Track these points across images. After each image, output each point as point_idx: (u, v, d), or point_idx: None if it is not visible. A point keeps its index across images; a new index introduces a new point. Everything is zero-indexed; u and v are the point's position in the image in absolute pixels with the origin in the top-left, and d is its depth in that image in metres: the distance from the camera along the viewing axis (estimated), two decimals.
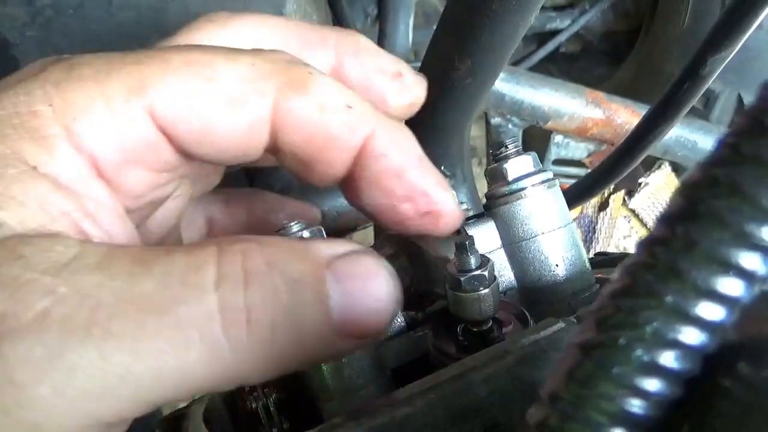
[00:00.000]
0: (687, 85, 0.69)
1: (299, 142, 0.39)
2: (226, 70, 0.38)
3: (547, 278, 0.47)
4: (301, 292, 0.33)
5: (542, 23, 2.30)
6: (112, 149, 0.36)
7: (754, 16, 0.61)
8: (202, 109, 0.37)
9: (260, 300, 0.32)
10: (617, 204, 1.97)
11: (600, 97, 1.52)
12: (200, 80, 0.37)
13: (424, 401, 0.33)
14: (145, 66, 0.37)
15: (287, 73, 0.39)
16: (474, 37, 0.84)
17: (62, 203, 0.34)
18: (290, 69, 0.39)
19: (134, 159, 0.38)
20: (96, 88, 0.36)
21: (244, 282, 0.32)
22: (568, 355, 0.21)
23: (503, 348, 0.37)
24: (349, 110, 0.39)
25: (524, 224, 0.47)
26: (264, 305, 0.32)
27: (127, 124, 0.36)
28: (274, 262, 0.33)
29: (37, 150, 0.34)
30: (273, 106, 0.38)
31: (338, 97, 0.39)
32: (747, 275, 0.19)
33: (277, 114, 0.38)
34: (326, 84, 0.39)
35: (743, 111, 0.19)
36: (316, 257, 0.35)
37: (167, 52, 0.38)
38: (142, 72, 0.36)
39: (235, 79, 0.38)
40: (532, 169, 0.48)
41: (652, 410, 0.20)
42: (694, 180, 0.20)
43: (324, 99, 0.39)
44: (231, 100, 0.38)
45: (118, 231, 0.38)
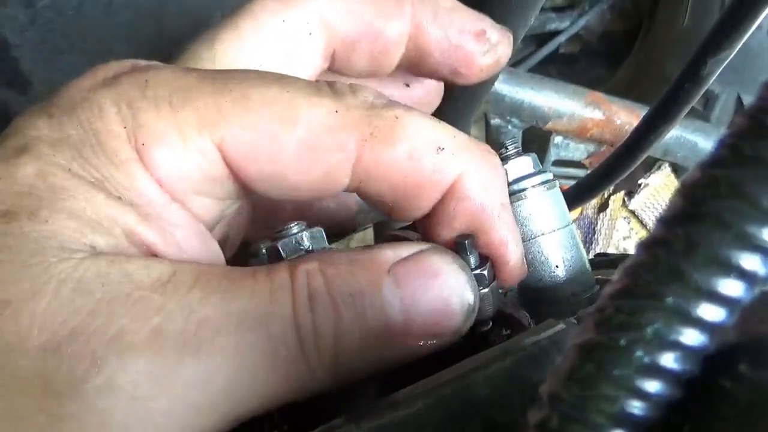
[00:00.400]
0: (687, 85, 0.69)
1: (386, 189, 0.38)
2: (307, 115, 0.36)
3: (548, 279, 0.47)
4: (359, 304, 0.34)
5: (542, 24, 2.31)
6: (179, 178, 0.36)
7: (754, 16, 0.61)
8: (274, 154, 0.36)
9: (323, 320, 0.33)
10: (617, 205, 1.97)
11: (599, 98, 1.52)
12: (277, 123, 0.35)
13: (424, 402, 0.33)
14: (221, 97, 0.35)
15: (372, 123, 0.36)
16: None
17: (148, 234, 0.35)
18: (376, 117, 0.36)
19: (199, 188, 0.37)
20: (170, 115, 0.35)
21: (309, 304, 0.33)
22: (568, 356, 0.21)
23: (503, 349, 0.37)
24: (440, 152, 0.37)
25: (524, 225, 0.47)
26: (326, 321, 0.33)
27: (196, 155, 0.35)
28: (333, 281, 0.34)
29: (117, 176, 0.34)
30: (355, 156, 0.36)
31: (428, 142, 0.37)
32: (747, 276, 0.19)
33: (360, 164, 0.37)
34: (415, 129, 0.37)
35: (743, 111, 0.19)
36: (378, 265, 0.36)
37: (248, 85, 0.36)
38: (219, 104, 0.35)
39: (314, 127, 0.36)
40: (532, 170, 0.48)
41: (652, 411, 0.20)
42: (695, 181, 0.20)
43: (413, 145, 0.37)
44: (308, 148, 0.36)
45: (203, 253, 0.38)
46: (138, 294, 0.31)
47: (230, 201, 0.40)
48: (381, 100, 0.38)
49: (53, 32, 0.87)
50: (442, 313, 0.36)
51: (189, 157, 0.35)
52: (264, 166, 0.36)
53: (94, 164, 0.34)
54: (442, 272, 0.36)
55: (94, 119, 0.35)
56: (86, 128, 0.35)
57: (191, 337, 0.30)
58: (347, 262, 0.36)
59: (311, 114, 0.36)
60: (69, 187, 0.33)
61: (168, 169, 0.35)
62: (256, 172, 0.37)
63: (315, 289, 0.34)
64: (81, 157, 0.34)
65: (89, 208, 0.33)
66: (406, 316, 0.35)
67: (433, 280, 0.36)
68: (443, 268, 0.36)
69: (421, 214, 0.40)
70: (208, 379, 0.30)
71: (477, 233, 0.39)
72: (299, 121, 0.35)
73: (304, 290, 0.34)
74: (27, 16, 0.87)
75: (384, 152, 0.36)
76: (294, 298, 0.33)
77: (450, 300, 0.36)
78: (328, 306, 0.34)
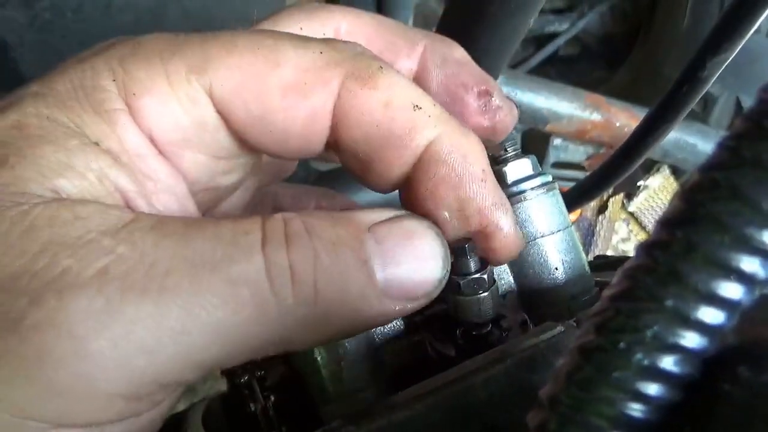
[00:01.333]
0: (686, 87, 0.69)
1: (359, 137, 0.38)
2: (292, 56, 0.36)
3: (547, 281, 0.47)
4: (341, 254, 0.34)
5: (541, 26, 2.31)
6: (170, 128, 0.36)
7: (753, 18, 0.61)
8: (261, 95, 0.36)
9: (301, 260, 0.33)
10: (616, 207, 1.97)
11: (599, 100, 1.53)
12: (263, 64, 0.36)
13: (423, 404, 0.33)
14: (209, 45, 0.36)
15: (355, 65, 0.37)
16: (473, 39, 0.84)
17: (121, 180, 0.35)
18: (359, 60, 0.37)
19: (192, 140, 0.37)
20: (159, 65, 0.36)
21: (286, 244, 0.33)
22: (568, 359, 0.21)
23: (503, 351, 0.37)
24: (416, 110, 0.37)
25: (523, 227, 0.47)
26: (305, 265, 0.33)
27: (186, 102, 0.36)
28: (313, 228, 0.34)
29: (99, 124, 0.35)
30: (336, 97, 0.37)
31: (406, 96, 0.37)
32: (747, 279, 0.19)
33: (339, 106, 0.37)
34: (396, 80, 0.37)
35: (743, 114, 0.19)
36: (357, 223, 0.36)
37: (235, 35, 0.37)
38: (206, 51, 0.36)
39: (300, 66, 0.36)
40: (531, 173, 0.48)
41: (652, 414, 0.20)
42: (694, 183, 0.20)
43: (390, 95, 0.37)
44: (293, 88, 0.36)
45: (175, 210, 0.38)
46: (89, 237, 0.31)
47: (225, 162, 0.40)
48: (369, 52, 0.39)
49: (52, 34, 0.87)
50: (420, 273, 0.36)
51: (178, 105, 0.36)
52: (252, 107, 0.36)
53: (77, 112, 0.35)
54: (418, 234, 0.36)
55: (86, 77, 0.35)
56: (75, 84, 0.35)
57: (139, 278, 0.30)
58: (329, 217, 0.36)
59: (296, 54, 0.36)
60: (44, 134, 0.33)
61: (158, 118, 0.36)
62: (245, 115, 0.37)
63: (294, 231, 0.34)
64: (64, 107, 0.35)
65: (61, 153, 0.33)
66: (385, 274, 0.35)
67: (411, 240, 0.36)
68: (420, 231, 0.37)
69: (394, 177, 0.40)
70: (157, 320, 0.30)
71: (463, 202, 0.38)
72: (284, 60, 0.36)
73: (279, 233, 0.33)
74: (26, 17, 0.87)
75: (361, 94, 0.37)
76: (265, 240, 0.33)
77: (426, 262, 0.36)
78: (307, 247, 0.33)
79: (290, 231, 0.34)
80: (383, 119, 0.37)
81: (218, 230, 0.33)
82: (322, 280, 0.33)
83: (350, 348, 0.42)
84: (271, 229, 0.34)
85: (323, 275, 0.33)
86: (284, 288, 0.32)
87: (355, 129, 0.37)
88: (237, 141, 0.39)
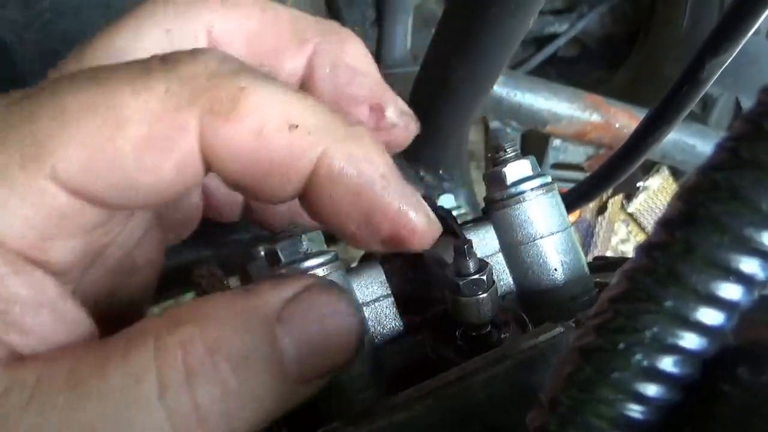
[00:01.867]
0: (685, 88, 0.69)
1: (237, 172, 0.34)
2: (136, 108, 0.31)
3: (546, 282, 0.47)
4: (252, 365, 0.32)
5: (540, 27, 2.31)
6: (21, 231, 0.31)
7: (752, 20, 0.61)
8: (115, 162, 0.31)
9: (208, 396, 0.30)
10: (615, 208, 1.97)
11: (598, 101, 1.53)
12: (105, 129, 0.30)
13: (423, 405, 0.33)
14: (37, 125, 0.30)
15: (211, 96, 0.32)
16: (473, 40, 0.84)
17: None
18: (216, 88, 0.32)
19: (53, 231, 0.32)
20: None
21: (187, 384, 0.30)
22: (567, 360, 0.21)
23: (502, 352, 0.36)
24: (294, 131, 0.33)
25: (523, 228, 0.47)
26: (212, 400, 0.30)
27: (31, 197, 0.30)
28: (218, 346, 0.31)
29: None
30: (199, 137, 0.32)
31: (279, 116, 0.33)
32: (746, 280, 0.19)
33: (206, 146, 0.32)
34: (263, 100, 0.32)
35: (742, 115, 0.20)
36: (266, 314, 0.33)
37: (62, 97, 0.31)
38: (35, 132, 0.30)
39: (146, 119, 0.31)
40: (531, 173, 0.48)
41: (651, 415, 0.20)
42: (693, 184, 0.20)
43: (260, 121, 0.32)
44: (147, 146, 0.31)
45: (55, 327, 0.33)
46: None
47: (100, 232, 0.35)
48: (227, 66, 0.33)
49: (52, 34, 0.87)
50: (335, 351, 0.34)
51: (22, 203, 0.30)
52: (108, 177, 0.31)
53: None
54: (330, 310, 0.34)
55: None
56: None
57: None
58: (232, 317, 0.32)
59: (139, 105, 0.31)
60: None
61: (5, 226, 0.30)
62: (105, 186, 0.32)
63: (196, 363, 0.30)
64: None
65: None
66: (300, 363, 0.33)
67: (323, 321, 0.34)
68: (330, 305, 0.35)
69: (286, 198, 0.36)
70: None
71: (368, 215, 0.35)
72: (128, 117, 0.31)
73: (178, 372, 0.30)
74: (26, 17, 0.87)
75: (226, 129, 0.32)
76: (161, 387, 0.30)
77: (341, 338, 0.34)
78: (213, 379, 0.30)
79: (191, 362, 0.30)
80: (258, 148, 0.33)
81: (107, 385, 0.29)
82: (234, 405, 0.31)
83: None
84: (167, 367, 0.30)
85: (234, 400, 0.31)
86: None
87: (230, 164, 0.33)
88: (105, 211, 0.34)
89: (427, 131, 1.11)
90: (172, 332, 0.31)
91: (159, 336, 0.31)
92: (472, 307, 0.41)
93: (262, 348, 0.32)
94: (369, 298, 0.44)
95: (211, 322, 0.32)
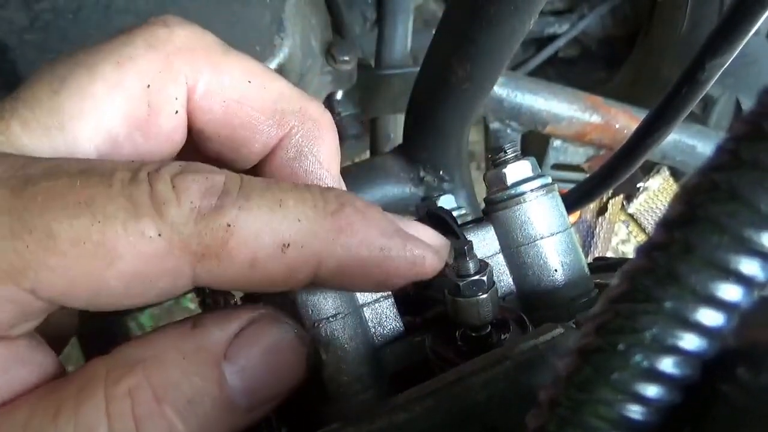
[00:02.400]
0: (685, 89, 0.69)
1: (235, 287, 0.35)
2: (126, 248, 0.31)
3: (546, 283, 0.47)
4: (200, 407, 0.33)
5: (541, 28, 2.31)
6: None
7: (752, 21, 0.61)
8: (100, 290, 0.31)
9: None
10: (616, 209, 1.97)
11: (598, 101, 1.53)
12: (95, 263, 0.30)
13: (423, 406, 0.33)
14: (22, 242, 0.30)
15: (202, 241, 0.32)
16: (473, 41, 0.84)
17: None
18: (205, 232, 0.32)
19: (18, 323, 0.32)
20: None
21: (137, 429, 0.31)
22: (567, 360, 0.21)
23: (502, 353, 0.36)
24: (286, 250, 0.33)
25: (523, 229, 0.47)
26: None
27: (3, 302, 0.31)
28: (165, 393, 0.32)
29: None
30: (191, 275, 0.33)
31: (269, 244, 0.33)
32: (746, 281, 0.19)
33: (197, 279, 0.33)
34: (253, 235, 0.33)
35: (743, 116, 0.20)
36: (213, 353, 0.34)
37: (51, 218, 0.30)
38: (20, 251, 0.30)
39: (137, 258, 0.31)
40: (531, 174, 0.48)
41: (651, 416, 0.20)
42: (694, 185, 0.20)
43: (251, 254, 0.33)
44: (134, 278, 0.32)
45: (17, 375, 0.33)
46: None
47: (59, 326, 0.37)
48: (209, 202, 0.32)
49: (52, 35, 0.87)
50: (284, 380, 0.36)
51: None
52: (90, 300, 0.32)
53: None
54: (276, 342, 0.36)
55: None
56: None
57: None
58: (179, 359, 0.33)
59: (130, 245, 0.31)
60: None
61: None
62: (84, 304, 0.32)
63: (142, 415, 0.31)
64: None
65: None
66: (249, 396, 0.34)
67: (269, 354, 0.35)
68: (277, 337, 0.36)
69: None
70: None
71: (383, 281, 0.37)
72: (118, 256, 0.31)
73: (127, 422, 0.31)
74: (25, 18, 0.87)
75: (218, 270, 0.32)
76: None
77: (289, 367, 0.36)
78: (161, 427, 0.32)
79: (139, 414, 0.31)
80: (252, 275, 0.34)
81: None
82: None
83: (350, 349, 0.42)
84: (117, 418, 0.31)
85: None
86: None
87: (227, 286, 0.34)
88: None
89: (427, 132, 1.11)
90: (119, 381, 0.32)
91: (108, 383, 0.32)
92: (472, 308, 0.41)
93: (209, 389, 0.33)
94: (369, 298, 0.44)
95: (158, 366, 0.33)
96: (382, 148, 1.67)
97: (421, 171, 1.16)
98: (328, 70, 1.21)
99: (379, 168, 1.15)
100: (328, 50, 1.19)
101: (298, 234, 0.34)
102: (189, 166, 0.34)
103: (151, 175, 0.32)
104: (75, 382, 0.33)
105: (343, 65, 1.20)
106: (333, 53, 1.19)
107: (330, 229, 0.35)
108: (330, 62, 1.20)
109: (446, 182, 1.16)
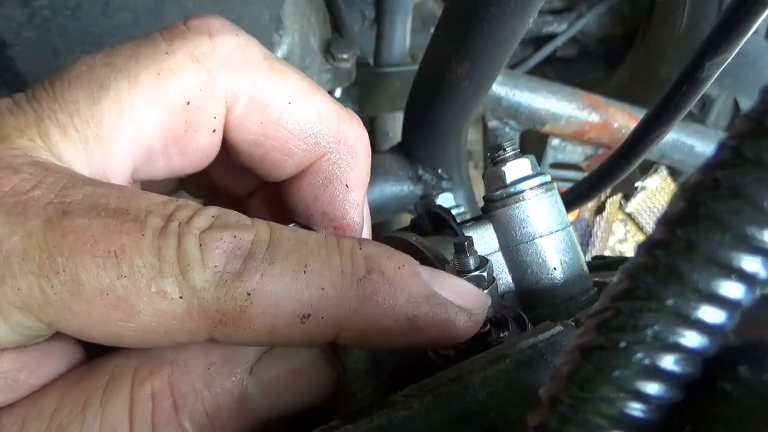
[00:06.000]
0: (684, 88, 0.69)
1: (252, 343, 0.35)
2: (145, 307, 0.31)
3: (545, 281, 0.47)
4: (218, 419, 0.34)
5: (539, 27, 2.31)
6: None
7: (751, 20, 0.61)
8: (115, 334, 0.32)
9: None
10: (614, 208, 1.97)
11: (597, 100, 1.53)
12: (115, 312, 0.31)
13: (422, 404, 0.33)
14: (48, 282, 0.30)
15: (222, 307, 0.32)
16: (472, 40, 0.84)
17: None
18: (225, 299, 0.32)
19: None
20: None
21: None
22: (568, 358, 0.21)
23: (501, 351, 0.36)
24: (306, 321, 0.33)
25: (522, 227, 0.47)
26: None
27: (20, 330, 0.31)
28: (184, 403, 0.33)
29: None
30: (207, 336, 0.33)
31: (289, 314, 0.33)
32: (748, 278, 0.19)
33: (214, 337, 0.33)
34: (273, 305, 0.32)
35: (744, 113, 0.19)
36: (238, 367, 0.35)
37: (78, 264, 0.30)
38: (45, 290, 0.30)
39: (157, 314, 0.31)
40: (530, 173, 0.48)
41: (652, 413, 0.20)
42: (695, 182, 0.20)
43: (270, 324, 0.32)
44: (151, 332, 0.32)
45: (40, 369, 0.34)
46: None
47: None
48: (233, 266, 0.32)
49: (50, 32, 0.87)
50: (305, 402, 0.37)
51: (10, 333, 0.31)
52: (102, 340, 0.33)
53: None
54: (306, 365, 0.36)
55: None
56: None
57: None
58: (204, 369, 0.34)
59: (151, 303, 0.31)
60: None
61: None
62: (96, 341, 0.33)
63: (160, 420, 0.32)
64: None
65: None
66: (269, 413, 0.35)
67: (298, 376, 0.36)
68: (306, 360, 0.37)
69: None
70: None
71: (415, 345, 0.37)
72: (137, 311, 0.31)
73: (145, 425, 0.32)
74: (24, 15, 0.86)
75: (236, 335, 0.32)
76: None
77: (316, 390, 0.37)
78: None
79: (157, 420, 0.32)
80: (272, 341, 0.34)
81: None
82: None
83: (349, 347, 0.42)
84: (138, 422, 0.32)
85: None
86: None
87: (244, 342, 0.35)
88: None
89: (426, 130, 1.11)
90: (144, 382, 0.33)
91: (135, 382, 0.33)
92: None
93: (229, 403, 0.34)
94: None
95: (183, 373, 0.34)
96: (381, 146, 1.67)
97: (419, 169, 1.16)
98: (326, 68, 1.21)
99: (378, 166, 1.15)
100: (326, 48, 1.19)
101: (320, 303, 0.33)
102: (220, 219, 0.33)
103: (182, 227, 0.32)
104: (104, 372, 0.34)
105: (342, 63, 1.20)
106: (332, 51, 1.19)
107: (354, 298, 0.34)
108: (329, 60, 1.20)
109: (445, 180, 1.16)
